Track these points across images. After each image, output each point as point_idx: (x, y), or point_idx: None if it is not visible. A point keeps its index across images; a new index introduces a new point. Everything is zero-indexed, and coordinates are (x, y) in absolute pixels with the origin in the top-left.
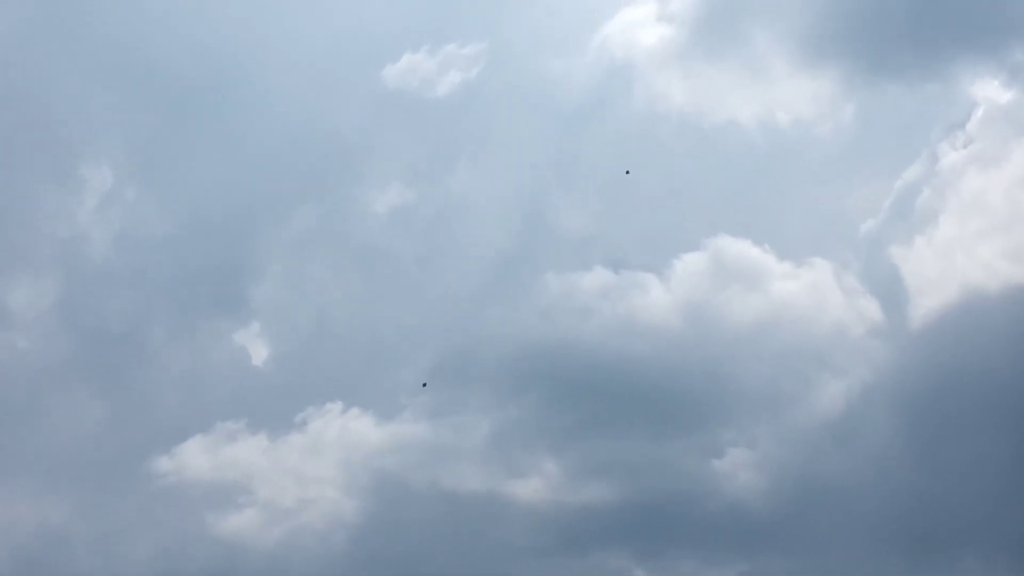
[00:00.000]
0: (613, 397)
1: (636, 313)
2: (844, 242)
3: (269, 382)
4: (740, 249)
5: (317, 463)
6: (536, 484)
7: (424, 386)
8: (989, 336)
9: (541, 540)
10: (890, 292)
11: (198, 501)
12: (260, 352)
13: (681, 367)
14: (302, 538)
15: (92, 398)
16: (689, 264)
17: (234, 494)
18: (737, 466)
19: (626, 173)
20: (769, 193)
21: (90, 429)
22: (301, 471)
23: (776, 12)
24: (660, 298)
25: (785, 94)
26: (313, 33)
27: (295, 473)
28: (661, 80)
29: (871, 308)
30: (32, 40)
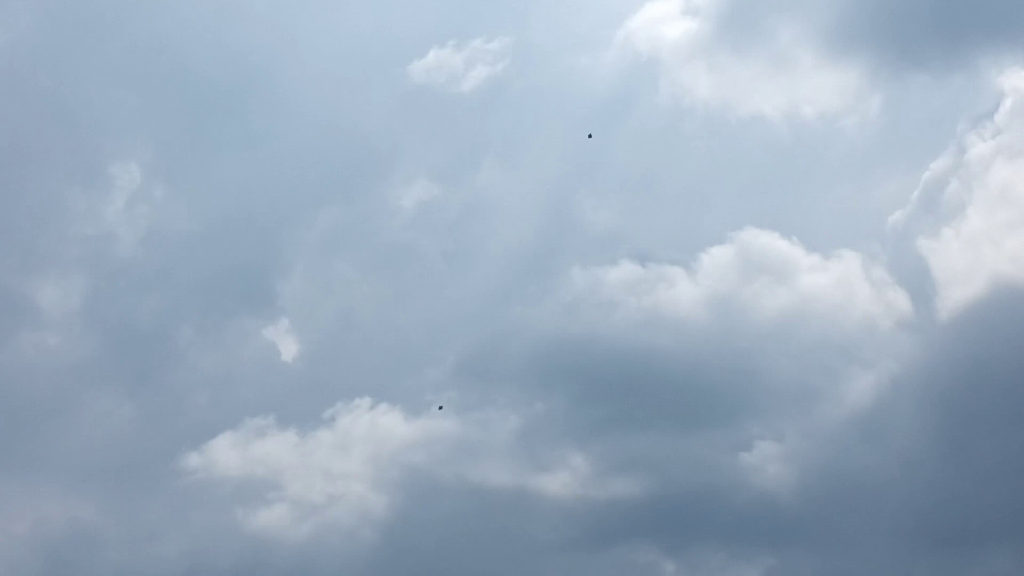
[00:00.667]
0: (640, 391)
1: (662, 307)
2: (872, 234)
3: (298, 378)
4: (767, 242)
5: (346, 459)
6: (564, 478)
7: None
8: (1018, 328)
9: (569, 534)
10: (918, 284)
11: (227, 497)
12: (289, 348)
13: (708, 360)
14: (331, 533)
15: (121, 396)
16: (716, 257)
17: (263, 490)
18: (765, 460)
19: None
20: (796, 186)
21: (119, 427)
22: (330, 467)
23: (801, 5)
24: (687, 291)
25: (811, 87)
26: (339, 30)
27: (324, 469)
28: (686, 74)
29: (900, 300)
30: (59, 40)
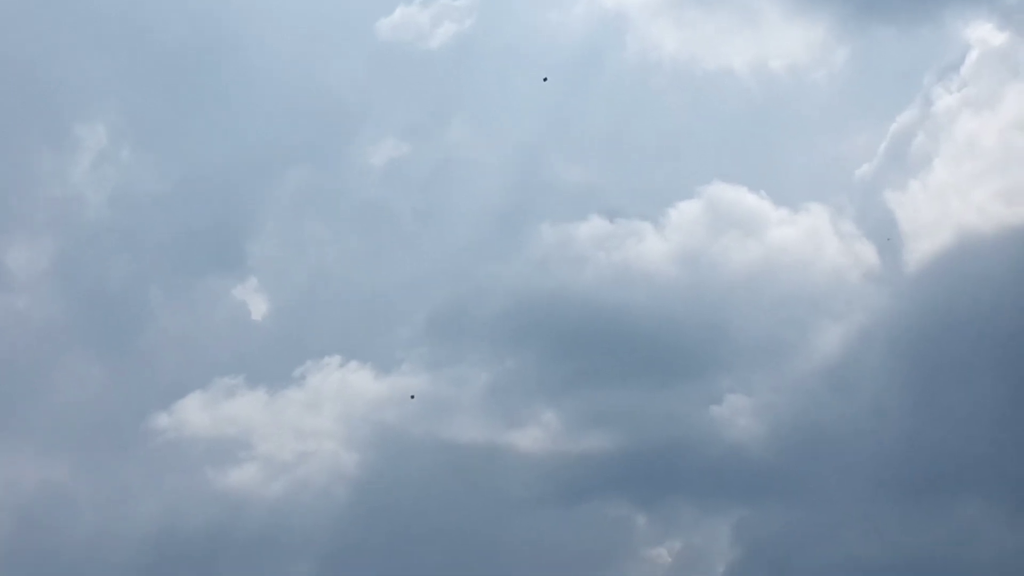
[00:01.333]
0: (610, 346)
1: (632, 262)
2: (840, 187)
3: (267, 337)
4: (736, 196)
5: (316, 417)
6: (535, 434)
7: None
8: (984, 278)
9: (541, 489)
10: (886, 236)
11: (198, 457)
12: (259, 307)
13: (678, 315)
14: (303, 492)
15: (91, 357)
16: (685, 212)
17: (234, 449)
18: (736, 413)
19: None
20: (764, 139)
21: (89, 388)
22: (300, 425)
23: None
24: (656, 246)
25: (778, 41)
26: None
27: (294, 427)
28: (654, 29)
29: (867, 252)
30: (23, 1)
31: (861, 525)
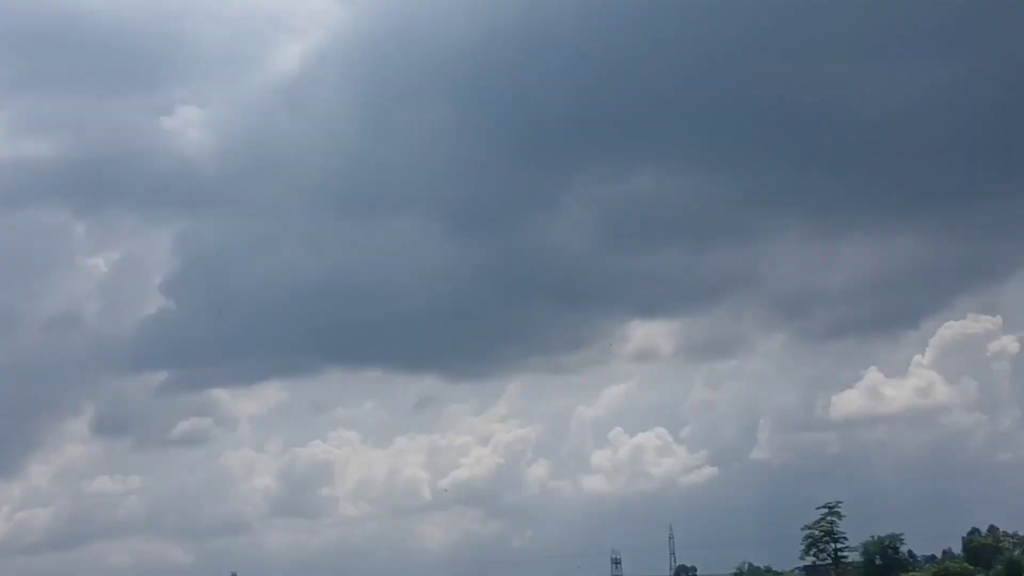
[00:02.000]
0: (57, 47)
1: None
2: None
3: None
4: None
5: None
6: None
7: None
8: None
9: None
10: None
11: None
12: None
13: (135, 21)
14: None
15: None
16: None
17: None
18: (187, 125)
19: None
20: None
21: None
22: None
23: None
24: None
25: None
26: None
27: None
28: None
29: None
30: None
31: (300, 239)
